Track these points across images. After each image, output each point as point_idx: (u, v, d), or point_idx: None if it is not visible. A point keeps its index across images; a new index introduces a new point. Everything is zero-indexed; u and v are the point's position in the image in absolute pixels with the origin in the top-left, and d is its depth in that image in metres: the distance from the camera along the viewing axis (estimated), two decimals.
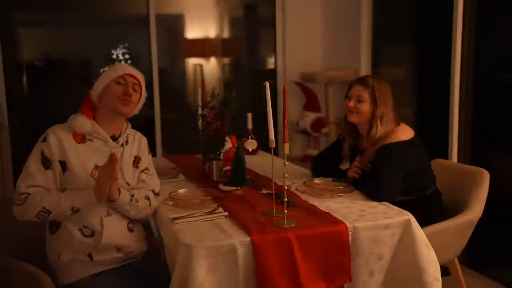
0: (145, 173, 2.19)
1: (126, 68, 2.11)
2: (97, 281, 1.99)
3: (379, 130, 2.34)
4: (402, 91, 3.95)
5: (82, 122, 2.02)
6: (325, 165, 2.63)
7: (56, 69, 4.39)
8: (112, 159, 1.84)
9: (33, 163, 1.97)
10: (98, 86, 2.07)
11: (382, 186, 2.22)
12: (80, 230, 1.99)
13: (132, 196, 2.05)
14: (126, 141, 2.14)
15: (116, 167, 1.88)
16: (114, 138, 2.09)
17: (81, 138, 2.03)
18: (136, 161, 2.16)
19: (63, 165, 1.99)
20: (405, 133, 2.37)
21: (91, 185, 1.96)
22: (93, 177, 1.99)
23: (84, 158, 2.00)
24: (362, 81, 2.42)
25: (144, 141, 2.24)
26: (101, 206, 2.00)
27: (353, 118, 2.43)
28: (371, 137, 2.37)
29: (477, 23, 3.18)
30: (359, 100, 2.39)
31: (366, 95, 2.38)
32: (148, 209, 2.13)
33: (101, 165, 1.97)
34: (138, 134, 2.24)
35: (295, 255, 1.82)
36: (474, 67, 3.22)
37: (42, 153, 1.97)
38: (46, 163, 1.97)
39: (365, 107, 2.38)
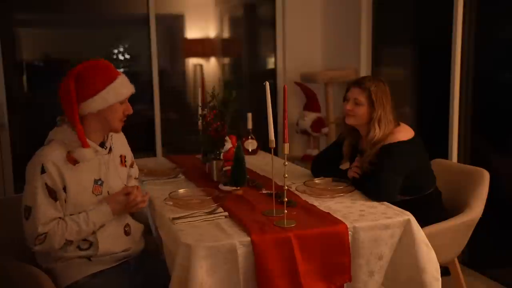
0: (132, 166, 2.23)
1: (130, 87, 1.99)
2: (96, 280, 1.99)
3: (377, 132, 2.34)
4: (402, 91, 3.95)
5: (89, 155, 1.92)
6: (325, 165, 2.63)
7: (56, 69, 4.38)
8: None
9: (41, 198, 1.86)
10: (100, 104, 1.91)
11: (382, 186, 2.22)
12: (78, 246, 1.98)
13: None
14: (112, 143, 2.11)
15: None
16: (102, 144, 2.04)
17: (75, 160, 1.91)
18: (123, 159, 2.16)
19: (64, 191, 1.92)
20: (405, 133, 2.37)
21: (93, 200, 1.97)
22: (94, 193, 1.97)
23: (82, 178, 1.94)
24: (359, 83, 2.42)
25: (123, 136, 2.20)
26: (92, 223, 1.98)
27: (350, 121, 2.44)
28: (369, 139, 2.37)
29: (477, 23, 3.18)
30: (356, 103, 2.39)
31: (363, 98, 2.37)
32: None
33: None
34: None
35: (295, 255, 1.81)
36: (474, 67, 3.22)
37: (47, 185, 1.86)
38: (54, 195, 1.88)
39: (362, 110, 2.38)
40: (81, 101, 1.90)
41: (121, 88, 1.96)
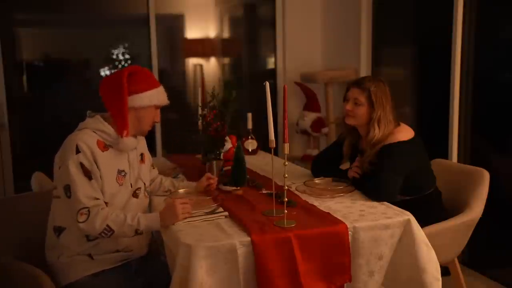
0: (153, 167, 2.33)
1: (166, 98, 2.16)
2: (97, 280, 1.99)
3: (377, 133, 2.34)
4: (402, 91, 3.95)
5: (132, 143, 2.06)
6: (325, 165, 2.63)
7: (56, 69, 4.39)
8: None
9: (78, 176, 1.90)
10: (144, 101, 2.04)
11: (382, 186, 2.22)
12: (87, 236, 1.98)
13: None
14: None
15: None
16: None
17: (104, 145, 2.00)
18: (142, 157, 2.21)
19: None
20: (405, 133, 2.37)
21: (115, 192, 2.00)
22: (117, 182, 2.02)
23: (108, 166, 2.00)
24: (359, 84, 2.42)
25: (143, 137, 2.27)
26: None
27: (350, 121, 2.44)
28: (369, 139, 2.37)
29: (477, 23, 3.18)
30: (356, 103, 2.39)
31: (362, 99, 2.38)
32: None
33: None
34: None
35: (295, 255, 1.81)
36: (474, 67, 3.22)
37: (82, 165, 1.91)
38: (89, 174, 1.92)
39: (362, 110, 2.38)
40: (129, 94, 2.02)
41: (162, 95, 2.13)
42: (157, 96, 2.10)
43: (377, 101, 2.35)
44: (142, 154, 2.21)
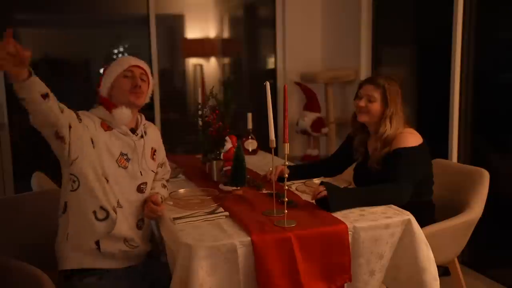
0: (162, 166, 2.30)
1: (130, 60, 2.15)
2: (102, 282, 1.99)
3: (388, 128, 2.34)
4: (402, 91, 3.94)
5: (123, 114, 2.05)
6: (338, 165, 2.66)
7: (56, 69, 4.39)
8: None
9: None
10: (106, 83, 2.10)
11: (405, 190, 2.19)
12: (94, 212, 1.98)
13: (161, 197, 2.18)
14: (145, 132, 2.18)
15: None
16: (133, 131, 2.13)
17: (107, 126, 2.06)
18: (153, 152, 2.21)
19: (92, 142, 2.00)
20: (416, 138, 2.35)
21: (117, 171, 2.03)
22: (118, 163, 2.04)
23: (110, 144, 2.03)
24: (373, 81, 2.42)
25: (158, 131, 2.32)
26: (113, 197, 2.02)
27: (363, 118, 2.43)
28: (379, 135, 2.37)
29: (477, 23, 3.18)
30: (370, 100, 2.39)
31: (377, 95, 2.37)
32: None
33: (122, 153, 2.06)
34: (151, 125, 2.29)
35: (295, 255, 1.81)
36: (474, 67, 3.22)
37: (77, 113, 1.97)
38: (79, 116, 1.97)
39: (375, 106, 2.38)
40: (100, 86, 2.13)
41: (119, 64, 2.13)
42: (120, 64, 2.12)
43: (391, 98, 2.36)
44: (153, 149, 2.21)
